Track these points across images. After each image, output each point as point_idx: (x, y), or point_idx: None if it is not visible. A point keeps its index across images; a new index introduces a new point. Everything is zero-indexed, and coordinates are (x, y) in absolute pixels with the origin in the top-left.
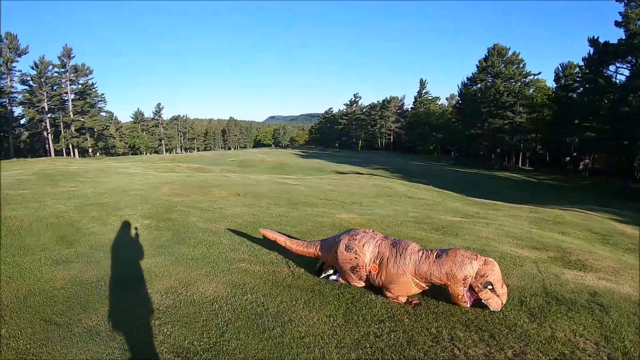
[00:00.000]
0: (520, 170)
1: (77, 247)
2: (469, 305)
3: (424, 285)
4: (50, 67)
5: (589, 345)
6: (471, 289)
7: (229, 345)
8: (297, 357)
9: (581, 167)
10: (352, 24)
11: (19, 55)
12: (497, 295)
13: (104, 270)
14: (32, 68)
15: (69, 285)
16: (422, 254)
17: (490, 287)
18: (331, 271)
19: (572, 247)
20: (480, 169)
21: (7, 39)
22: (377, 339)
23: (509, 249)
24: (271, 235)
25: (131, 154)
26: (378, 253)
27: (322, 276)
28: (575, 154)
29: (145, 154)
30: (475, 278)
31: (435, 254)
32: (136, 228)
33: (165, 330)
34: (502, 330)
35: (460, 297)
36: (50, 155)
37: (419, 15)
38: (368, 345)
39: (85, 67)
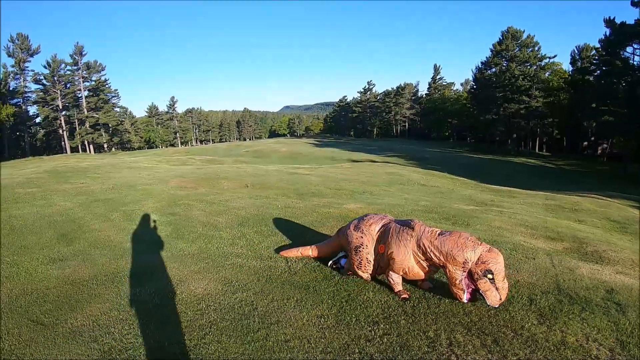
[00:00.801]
0: (537, 155)
1: (75, 245)
2: (465, 297)
3: (424, 264)
4: (63, 65)
5: (603, 352)
6: (470, 277)
7: (208, 348)
8: None
9: (599, 152)
10: (364, 10)
11: (31, 55)
12: (497, 289)
13: (98, 268)
14: (45, 67)
15: (61, 284)
16: (426, 229)
17: (490, 276)
18: (342, 253)
19: (589, 236)
20: (496, 154)
21: (18, 40)
22: (368, 343)
23: (521, 240)
24: (294, 252)
25: (147, 148)
26: (384, 231)
27: (332, 260)
28: (592, 138)
29: (161, 147)
30: (476, 264)
31: (438, 232)
32: (137, 224)
33: (148, 331)
34: (507, 334)
35: (457, 282)
36: (66, 152)
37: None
38: (357, 351)
39: (98, 64)
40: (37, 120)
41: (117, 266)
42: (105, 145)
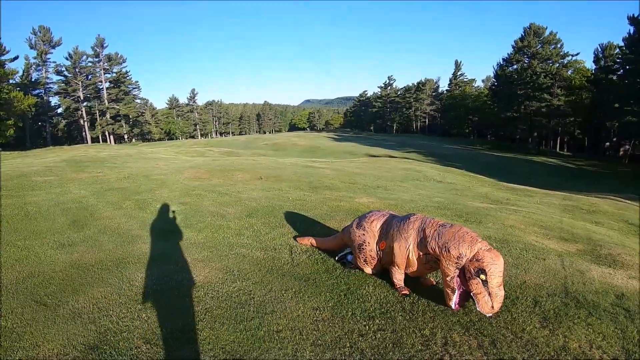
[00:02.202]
0: (558, 155)
1: (85, 231)
2: (453, 299)
3: (423, 258)
4: (84, 57)
5: None
6: (463, 277)
7: (200, 335)
8: (266, 353)
9: (621, 153)
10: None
11: (53, 47)
12: (489, 295)
13: (104, 254)
14: (67, 59)
15: (67, 268)
16: (427, 219)
17: (483, 277)
18: (349, 249)
19: (605, 239)
20: (516, 153)
21: (40, 32)
22: (360, 338)
23: (534, 240)
24: (307, 241)
25: (167, 140)
26: (386, 227)
27: (339, 255)
28: (614, 139)
29: (181, 139)
30: (470, 261)
31: (440, 223)
32: (147, 212)
33: (144, 315)
34: (506, 337)
35: (449, 278)
36: (87, 143)
37: None
38: (348, 345)
39: (119, 56)
40: (59, 110)
41: (123, 252)
42: (126, 136)
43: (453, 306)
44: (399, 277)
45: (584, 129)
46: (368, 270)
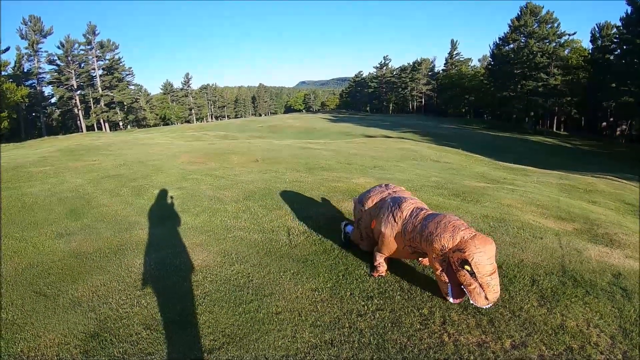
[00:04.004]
0: (555, 134)
1: (83, 220)
2: (449, 291)
3: (409, 250)
4: (76, 45)
5: (603, 339)
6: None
7: (199, 319)
8: (266, 335)
9: (618, 133)
10: None
11: (44, 37)
12: (481, 286)
13: (102, 241)
14: (58, 48)
15: (66, 257)
16: (413, 211)
17: (468, 268)
18: (348, 221)
19: (601, 218)
20: (513, 132)
21: (31, 22)
22: (359, 318)
23: (531, 219)
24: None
25: (162, 125)
26: (380, 207)
27: (342, 223)
28: (611, 119)
29: (176, 124)
30: (453, 252)
31: (427, 213)
32: (144, 199)
33: (143, 301)
34: (504, 315)
35: (438, 272)
36: (82, 131)
37: None
38: (347, 325)
39: (111, 43)
40: (53, 100)
41: (121, 239)
42: (121, 123)
43: (451, 300)
44: (379, 260)
45: (581, 109)
46: (363, 246)
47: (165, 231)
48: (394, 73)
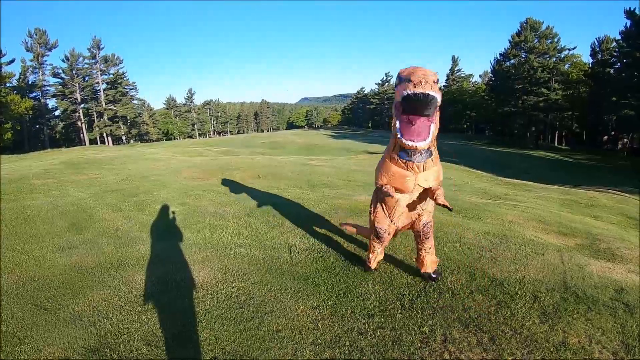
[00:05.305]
0: (556, 149)
1: (84, 234)
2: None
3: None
4: (81, 59)
5: (605, 355)
6: None
7: (200, 335)
8: (266, 353)
9: (619, 146)
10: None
11: (49, 50)
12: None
13: (104, 256)
14: (63, 61)
15: (67, 271)
16: None
17: None
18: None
19: (604, 233)
20: (515, 147)
21: (36, 35)
22: (360, 336)
23: (532, 235)
24: (350, 228)
25: (165, 140)
26: None
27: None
28: (613, 132)
29: (179, 139)
30: None
31: None
32: (146, 214)
33: (144, 317)
34: (505, 333)
35: None
36: (85, 144)
37: None
38: (348, 344)
39: (115, 57)
40: (56, 113)
41: (123, 254)
42: (124, 137)
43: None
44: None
45: (582, 123)
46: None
47: (166, 247)
48: None
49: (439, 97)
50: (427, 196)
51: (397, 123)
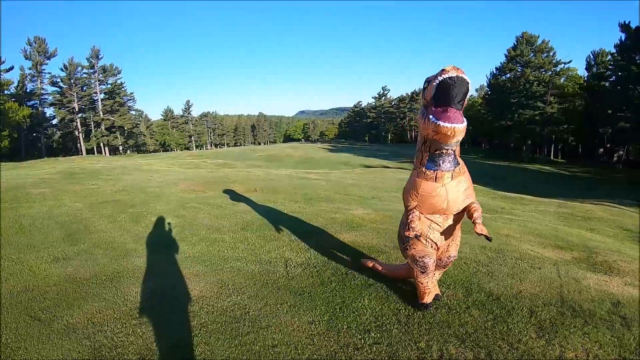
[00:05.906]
0: (552, 162)
1: (80, 245)
2: None
3: None
4: (79, 68)
5: None
6: None
7: (195, 350)
8: None
9: (615, 159)
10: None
11: (48, 58)
12: None
13: (99, 268)
14: (62, 70)
15: (62, 282)
16: None
17: None
18: None
19: (600, 246)
20: (511, 161)
21: (35, 43)
22: (356, 351)
23: (529, 249)
24: (371, 264)
25: (162, 151)
26: None
27: None
28: (608, 145)
29: (176, 150)
30: None
31: None
32: (142, 226)
33: (139, 330)
34: (502, 348)
35: None
36: (82, 154)
37: (445, 6)
38: (344, 359)
39: (114, 67)
40: (54, 122)
41: (118, 266)
42: (121, 148)
43: None
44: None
45: (578, 136)
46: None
47: (162, 260)
48: (393, 103)
49: (470, 85)
50: (462, 217)
51: (431, 116)
